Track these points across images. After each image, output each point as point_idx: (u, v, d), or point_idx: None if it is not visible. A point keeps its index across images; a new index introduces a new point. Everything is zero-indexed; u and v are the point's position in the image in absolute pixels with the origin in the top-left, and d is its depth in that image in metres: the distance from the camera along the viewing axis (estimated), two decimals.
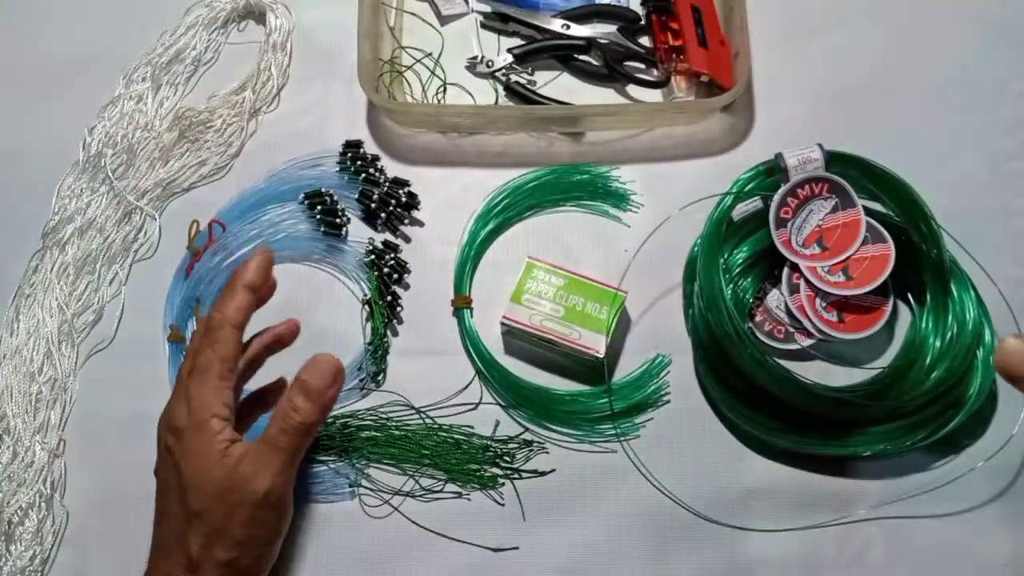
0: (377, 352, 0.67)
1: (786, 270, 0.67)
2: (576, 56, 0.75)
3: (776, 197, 0.66)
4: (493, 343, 0.68)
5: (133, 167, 0.73)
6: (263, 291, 0.55)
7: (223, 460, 0.49)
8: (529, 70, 0.75)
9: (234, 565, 0.49)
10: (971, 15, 0.77)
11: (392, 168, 0.73)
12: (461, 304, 0.68)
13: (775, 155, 0.67)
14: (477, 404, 0.66)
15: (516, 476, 0.64)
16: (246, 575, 0.51)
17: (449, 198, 0.72)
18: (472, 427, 0.66)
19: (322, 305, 0.69)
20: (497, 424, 0.66)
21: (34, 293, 0.70)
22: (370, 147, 0.74)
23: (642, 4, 0.76)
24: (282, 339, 0.60)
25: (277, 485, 0.49)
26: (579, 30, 0.75)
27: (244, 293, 0.53)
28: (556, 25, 0.75)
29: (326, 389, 0.50)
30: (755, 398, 0.63)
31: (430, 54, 0.76)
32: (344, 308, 0.69)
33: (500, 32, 0.77)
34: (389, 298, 0.68)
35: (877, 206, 0.68)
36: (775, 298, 0.67)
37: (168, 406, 0.53)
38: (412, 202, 0.71)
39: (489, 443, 0.65)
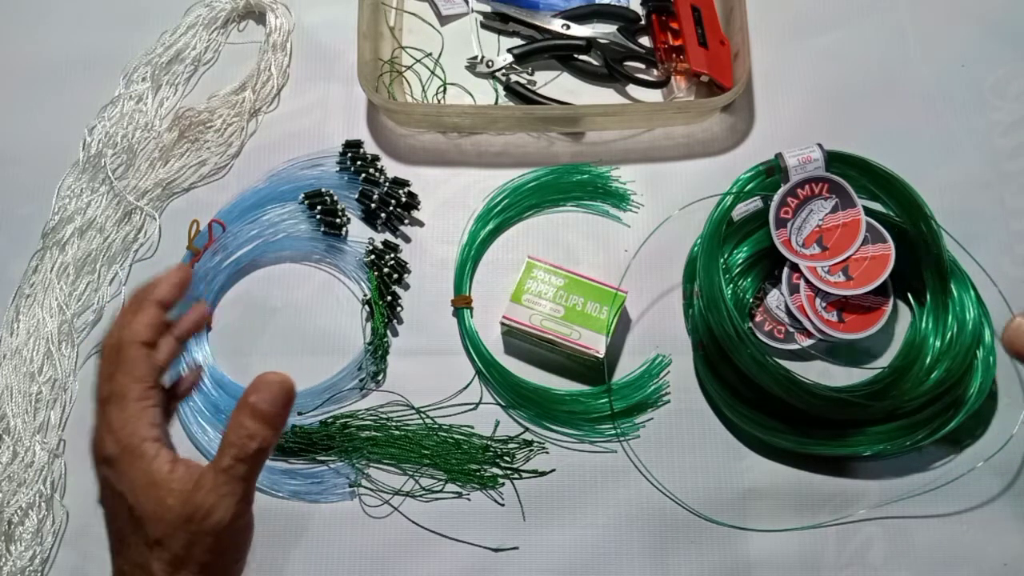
0: (377, 352, 0.67)
1: (786, 270, 0.67)
2: (576, 56, 0.75)
3: (776, 197, 0.66)
4: (493, 343, 0.68)
5: (133, 167, 0.73)
6: (173, 307, 0.51)
7: (172, 485, 0.46)
8: (529, 70, 0.75)
9: None
10: (971, 15, 0.77)
11: (392, 168, 0.73)
12: (461, 304, 0.68)
13: (775, 155, 0.67)
14: (477, 404, 0.66)
15: (516, 476, 0.64)
16: None
17: (449, 198, 0.72)
18: (472, 427, 0.66)
19: (322, 305, 0.70)
20: (497, 424, 0.66)
21: (34, 293, 0.70)
22: (370, 147, 0.74)
23: (642, 4, 0.76)
24: (197, 326, 0.55)
25: (241, 511, 0.47)
26: (579, 30, 0.75)
27: (154, 309, 0.49)
28: (556, 25, 0.75)
29: (280, 410, 0.47)
30: (755, 398, 0.63)
31: (430, 54, 0.76)
32: (344, 308, 0.69)
33: (500, 32, 0.77)
34: (389, 298, 0.68)
35: (877, 206, 0.68)
36: (775, 298, 0.67)
37: (94, 435, 0.49)
38: (412, 202, 0.71)
39: (489, 443, 0.65)
